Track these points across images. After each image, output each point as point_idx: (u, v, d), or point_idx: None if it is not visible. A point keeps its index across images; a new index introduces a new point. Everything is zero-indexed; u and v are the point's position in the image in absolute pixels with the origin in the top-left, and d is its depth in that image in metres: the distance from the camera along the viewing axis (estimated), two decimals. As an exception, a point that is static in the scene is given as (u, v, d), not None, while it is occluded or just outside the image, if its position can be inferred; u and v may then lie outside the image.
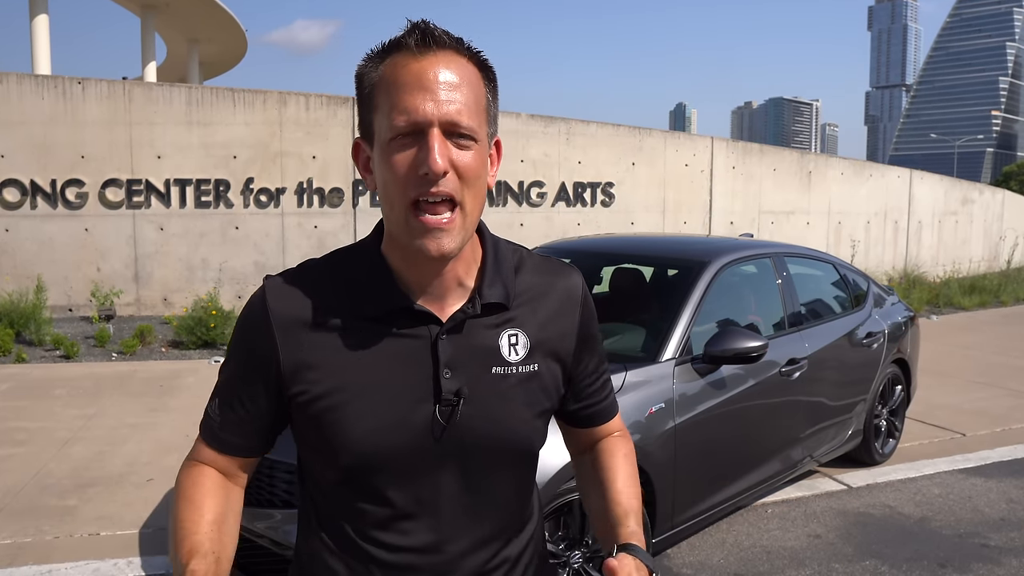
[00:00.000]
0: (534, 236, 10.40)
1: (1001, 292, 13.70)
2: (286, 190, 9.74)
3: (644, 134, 11.84)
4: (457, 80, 1.00)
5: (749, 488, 3.87)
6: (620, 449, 1.28)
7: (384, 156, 1.01)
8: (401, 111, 0.98)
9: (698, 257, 3.96)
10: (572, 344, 1.18)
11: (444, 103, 0.98)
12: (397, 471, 1.06)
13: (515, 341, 1.11)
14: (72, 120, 9.02)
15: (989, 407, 6.41)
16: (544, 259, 1.22)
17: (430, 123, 0.98)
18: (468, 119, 1.00)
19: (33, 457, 4.78)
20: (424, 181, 0.98)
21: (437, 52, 1.00)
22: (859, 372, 4.70)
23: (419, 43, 0.99)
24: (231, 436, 1.12)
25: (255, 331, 1.09)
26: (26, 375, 6.99)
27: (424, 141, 0.98)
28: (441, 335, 1.07)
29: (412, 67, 0.99)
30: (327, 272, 1.12)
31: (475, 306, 1.09)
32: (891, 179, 15.05)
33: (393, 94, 0.99)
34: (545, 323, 1.15)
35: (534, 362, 1.12)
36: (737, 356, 3.42)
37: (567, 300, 1.18)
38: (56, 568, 3.39)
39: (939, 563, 3.64)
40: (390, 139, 1.00)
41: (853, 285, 5.08)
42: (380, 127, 1.02)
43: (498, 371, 1.09)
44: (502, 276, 1.12)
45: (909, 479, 4.76)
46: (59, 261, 9.06)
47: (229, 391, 1.12)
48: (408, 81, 0.99)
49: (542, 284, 1.17)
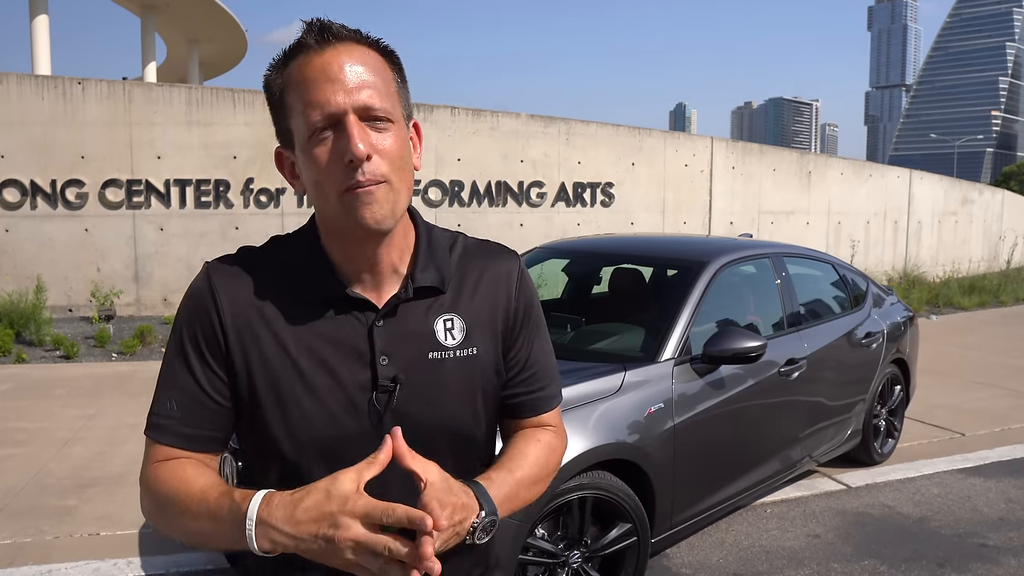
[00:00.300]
0: (534, 236, 10.41)
1: (1001, 292, 13.70)
2: (286, 190, 9.74)
3: (644, 134, 11.85)
4: (362, 67, 1.02)
5: (748, 488, 3.87)
6: (536, 435, 1.22)
7: (307, 154, 1.02)
8: (314, 106, 0.99)
9: (697, 257, 3.96)
10: (508, 327, 1.17)
11: (354, 90, 1.00)
12: (337, 459, 1.03)
13: (451, 325, 1.12)
14: (72, 120, 9.02)
15: (988, 407, 6.42)
16: (481, 242, 1.22)
17: (344, 112, 0.99)
18: (380, 101, 1.01)
19: (33, 457, 4.79)
20: (351, 169, 0.99)
21: (337, 45, 1.01)
22: (858, 372, 4.71)
23: (318, 39, 1.01)
24: (199, 428, 1.07)
25: (204, 312, 1.07)
26: (26, 375, 6.99)
27: (342, 130, 0.99)
28: (377, 321, 1.08)
29: (315, 62, 1.00)
30: (267, 259, 1.12)
31: (408, 290, 1.10)
32: (891, 179, 15.05)
33: (303, 92, 1.01)
34: (481, 307, 1.14)
35: (472, 346, 1.12)
36: (736, 356, 3.43)
37: (504, 283, 1.18)
38: (56, 568, 3.39)
39: (938, 563, 3.65)
40: (309, 136, 1.01)
41: (852, 285, 5.09)
42: (297, 128, 1.03)
43: (435, 356, 1.10)
44: (436, 260, 1.13)
45: (908, 479, 4.77)
46: (59, 261, 9.06)
47: (185, 380, 1.07)
48: (314, 76, 1.00)
49: (477, 267, 1.17)
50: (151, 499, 1.07)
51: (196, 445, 1.08)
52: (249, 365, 1.07)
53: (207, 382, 1.07)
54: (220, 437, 1.10)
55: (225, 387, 1.08)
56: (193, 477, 1.04)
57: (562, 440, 1.28)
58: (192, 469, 1.05)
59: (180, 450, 1.07)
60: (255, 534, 0.93)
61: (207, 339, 1.07)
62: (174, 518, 1.03)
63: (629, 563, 3.09)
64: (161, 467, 1.06)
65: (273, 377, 1.06)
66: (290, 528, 0.92)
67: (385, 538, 0.89)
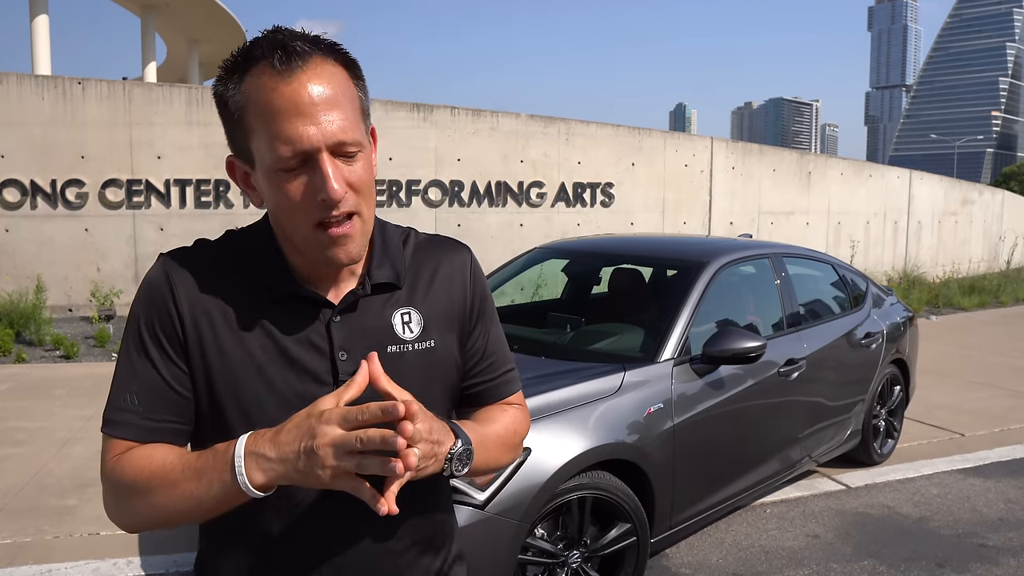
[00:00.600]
0: (534, 236, 10.41)
1: (1000, 292, 13.70)
2: (286, 190, 9.75)
3: (644, 134, 11.85)
4: (331, 93, 0.98)
5: (748, 488, 3.87)
6: (503, 407, 1.24)
7: (274, 183, 1.01)
8: (284, 141, 0.97)
9: (697, 257, 3.97)
10: (465, 319, 1.19)
11: (326, 124, 0.97)
12: None
13: (408, 319, 1.13)
14: (72, 120, 9.03)
15: (988, 407, 6.42)
16: (432, 237, 1.24)
17: (317, 149, 0.98)
18: (352, 133, 1.00)
19: (33, 457, 4.79)
20: (324, 206, 0.99)
21: (304, 66, 0.97)
22: (858, 372, 4.71)
23: (282, 60, 0.97)
24: (161, 421, 1.05)
25: (161, 303, 1.06)
26: (26, 375, 6.99)
27: (316, 168, 0.98)
28: (334, 317, 1.09)
29: (283, 91, 0.96)
30: (223, 253, 1.12)
31: (365, 287, 1.11)
32: (891, 179, 15.06)
33: (270, 122, 0.98)
34: (436, 299, 1.16)
35: (430, 338, 1.14)
36: (736, 356, 3.43)
37: (457, 275, 1.19)
38: (56, 568, 3.39)
39: (937, 563, 3.65)
40: (277, 169, 0.99)
41: (852, 285, 5.09)
42: (261, 153, 1.01)
43: (393, 349, 1.11)
44: (390, 257, 1.14)
45: (908, 479, 4.77)
46: (59, 261, 9.07)
47: (146, 372, 1.05)
48: (283, 107, 0.96)
49: (431, 262, 1.18)
50: (115, 490, 1.04)
51: (158, 437, 1.05)
52: (206, 358, 1.06)
53: (168, 372, 1.05)
54: (183, 428, 1.08)
55: (186, 378, 1.06)
56: (164, 452, 1.03)
57: (526, 416, 1.29)
58: (160, 448, 1.04)
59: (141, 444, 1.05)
60: (245, 468, 0.93)
61: (165, 330, 1.06)
62: (146, 497, 1.00)
63: (628, 563, 3.10)
64: (124, 457, 1.03)
65: (231, 371, 1.05)
66: (275, 451, 0.93)
67: (359, 431, 0.90)
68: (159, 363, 1.06)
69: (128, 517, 1.05)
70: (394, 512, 0.92)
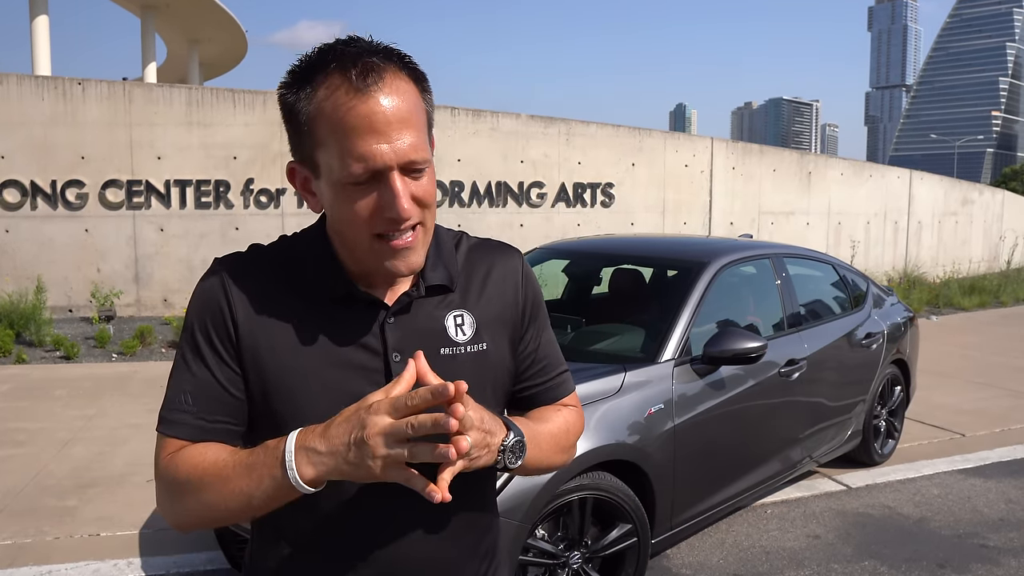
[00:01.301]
0: (534, 237, 10.41)
1: (1001, 292, 13.70)
2: (286, 191, 9.74)
3: (644, 135, 11.85)
4: (405, 112, 0.99)
5: (748, 489, 3.87)
6: (557, 408, 1.25)
7: (341, 196, 1.02)
8: (357, 158, 0.98)
9: (697, 258, 3.96)
10: (516, 322, 1.19)
11: (398, 144, 0.98)
12: None
13: (461, 322, 1.14)
14: (72, 121, 9.03)
15: (988, 407, 6.42)
16: (484, 240, 1.24)
17: (389, 168, 0.99)
18: (422, 152, 1.01)
19: (33, 458, 4.79)
20: (392, 223, 1.01)
21: (379, 82, 0.98)
22: (858, 373, 4.71)
23: (359, 76, 0.97)
24: (215, 421, 1.06)
25: (215, 307, 1.07)
26: (26, 376, 6.99)
27: (386, 185, 0.99)
28: (388, 319, 1.09)
29: (358, 109, 0.97)
30: (276, 256, 1.13)
31: (420, 288, 1.11)
32: (891, 180, 15.06)
33: (343, 138, 0.98)
34: (488, 303, 1.17)
35: (482, 341, 1.14)
36: (736, 357, 3.43)
37: (509, 279, 1.20)
38: (56, 568, 3.39)
39: (938, 563, 3.65)
40: (347, 184, 1.00)
41: (852, 286, 5.09)
42: (329, 165, 1.01)
43: (446, 352, 1.11)
44: (444, 259, 1.15)
45: (908, 479, 4.77)
46: (59, 262, 9.07)
47: (201, 373, 1.06)
48: (357, 125, 0.97)
49: (484, 265, 1.19)
50: (168, 488, 1.04)
51: (212, 437, 1.06)
52: (260, 360, 1.06)
53: (222, 375, 1.07)
54: (236, 429, 1.09)
55: (239, 380, 1.07)
56: (216, 450, 1.03)
57: (581, 418, 1.30)
58: (213, 447, 1.05)
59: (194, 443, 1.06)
60: (295, 462, 0.94)
61: (219, 334, 1.07)
62: (198, 494, 1.01)
63: (629, 564, 3.09)
64: (178, 454, 1.04)
65: (285, 373, 1.06)
66: (325, 444, 0.93)
67: (409, 418, 0.90)
68: (213, 366, 1.07)
69: (181, 515, 1.05)
70: (447, 499, 0.92)
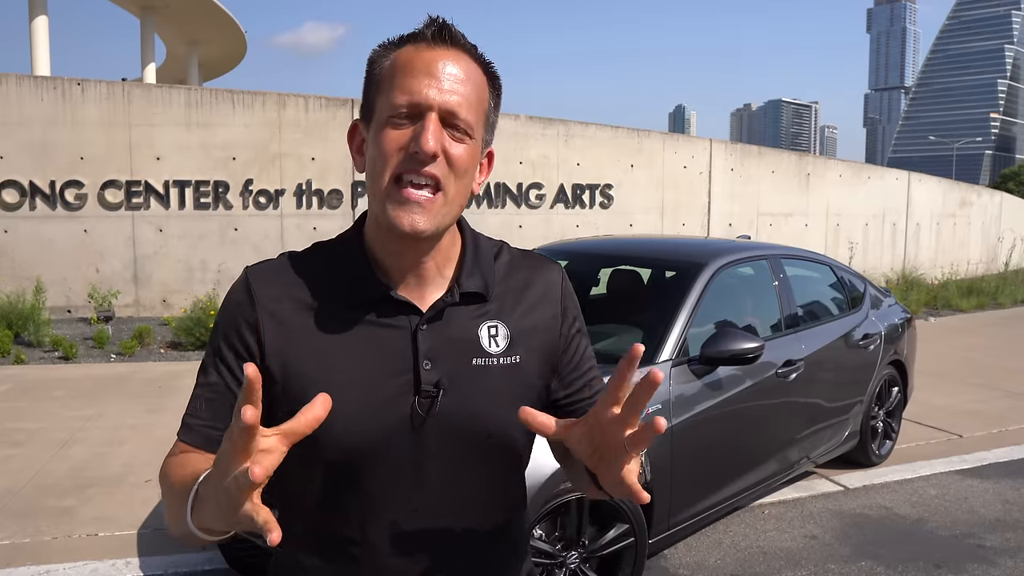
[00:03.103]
0: (533, 238, 10.42)
1: (999, 294, 13.72)
2: (285, 191, 9.75)
3: (643, 136, 11.87)
4: (464, 76, 1.02)
5: (746, 489, 3.88)
6: None
7: (378, 132, 1.03)
8: (404, 91, 1.00)
9: (695, 259, 3.97)
10: (554, 337, 1.17)
11: (447, 92, 1.00)
12: (379, 463, 1.04)
13: (495, 332, 1.11)
14: (71, 121, 9.03)
15: (986, 408, 6.43)
16: (525, 252, 1.22)
17: (429, 107, 1.00)
18: (466, 113, 1.02)
19: (32, 458, 4.79)
20: (413, 159, 1.00)
21: (450, 48, 1.03)
22: (856, 374, 4.72)
23: (435, 35, 1.03)
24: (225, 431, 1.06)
25: (240, 316, 1.07)
26: (25, 376, 6.99)
27: (420, 123, 1.00)
28: (421, 325, 1.07)
29: (424, 55, 1.02)
30: (308, 262, 1.12)
31: (454, 295, 1.09)
32: (889, 181, 15.08)
33: (399, 76, 1.02)
34: (525, 316, 1.14)
35: (516, 354, 1.11)
36: (734, 357, 3.43)
37: (547, 293, 1.18)
38: (54, 569, 3.39)
39: (935, 564, 3.65)
40: (388, 116, 1.02)
41: (850, 287, 5.10)
42: (381, 106, 1.03)
43: (478, 362, 1.09)
44: (481, 267, 1.13)
45: (905, 480, 4.78)
46: (58, 262, 9.07)
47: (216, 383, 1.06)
48: (417, 67, 1.01)
49: (522, 277, 1.17)
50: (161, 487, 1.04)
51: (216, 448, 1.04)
52: (288, 367, 1.05)
53: (238, 386, 1.04)
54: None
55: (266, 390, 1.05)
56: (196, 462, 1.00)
57: None
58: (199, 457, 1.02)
59: (201, 451, 1.03)
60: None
61: (243, 341, 1.06)
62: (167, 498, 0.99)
63: (627, 564, 3.10)
64: (175, 457, 1.04)
65: (313, 380, 1.04)
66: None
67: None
68: (228, 377, 1.06)
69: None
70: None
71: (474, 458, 1.08)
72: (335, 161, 9.89)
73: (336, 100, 9.98)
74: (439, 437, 1.06)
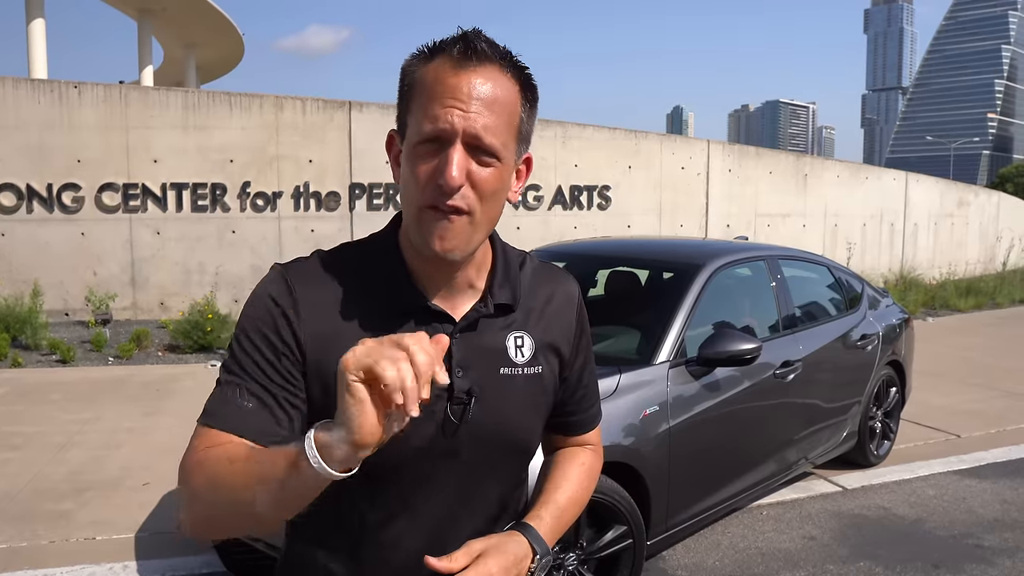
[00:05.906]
0: (531, 239, 10.41)
1: (997, 294, 13.74)
2: (283, 194, 9.74)
3: (640, 137, 11.87)
4: (491, 97, 1.00)
5: (744, 490, 3.88)
6: (579, 457, 1.29)
7: (409, 157, 1.04)
8: (430, 118, 1.00)
9: (693, 260, 3.97)
10: (569, 349, 1.21)
11: (472, 117, 0.99)
12: (411, 469, 1.07)
13: (521, 343, 1.14)
14: (68, 124, 9.02)
15: (984, 408, 6.43)
16: (544, 265, 1.25)
17: (454, 135, 0.99)
18: (492, 138, 1.01)
19: (29, 461, 4.78)
20: (439, 190, 1.00)
21: (477, 66, 1.01)
22: (853, 374, 4.72)
23: (461, 53, 1.01)
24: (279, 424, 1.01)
25: (278, 312, 1.05)
26: (22, 379, 6.98)
27: (445, 154, 1.00)
28: (455, 334, 1.09)
29: (450, 79, 1.00)
30: (343, 265, 1.12)
31: (488, 306, 1.11)
32: (887, 182, 15.09)
33: (426, 100, 1.01)
34: (547, 327, 1.18)
35: (538, 364, 1.15)
36: (731, 358, 3.43)
37: (566, 305, 1.22)
38: (51, 572, 3.39)
39: (933, 564, 3.65)
40: (416, 143, 1.02)
41: (847, 287, 5.10)
42: (410, 128, 1.04)
43: (506, 372, 1.12)
44: (511, 279, 1.15)
45: (904, 480, 4.78)
46: (55, 265, 9.05)
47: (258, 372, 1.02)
48: (442, 91, 1.00)
49: (546, 289, 1.20)
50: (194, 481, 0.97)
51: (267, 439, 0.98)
52: (324, 370, 1.04)
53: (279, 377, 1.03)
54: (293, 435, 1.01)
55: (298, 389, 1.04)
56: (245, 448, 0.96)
57: (600, 459, 1.34)
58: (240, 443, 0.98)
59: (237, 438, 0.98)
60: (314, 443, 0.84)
61: (279, 336, 1.04)
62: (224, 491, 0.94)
63: (625, 565, 3.10)
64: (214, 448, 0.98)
65: None
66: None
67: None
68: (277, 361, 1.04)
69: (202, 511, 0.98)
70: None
71: (494, 464, 1.12)
72: (333, 163, 9.88)
73: (334, 102, 9.97)
74: (467, 444, 1.09)
